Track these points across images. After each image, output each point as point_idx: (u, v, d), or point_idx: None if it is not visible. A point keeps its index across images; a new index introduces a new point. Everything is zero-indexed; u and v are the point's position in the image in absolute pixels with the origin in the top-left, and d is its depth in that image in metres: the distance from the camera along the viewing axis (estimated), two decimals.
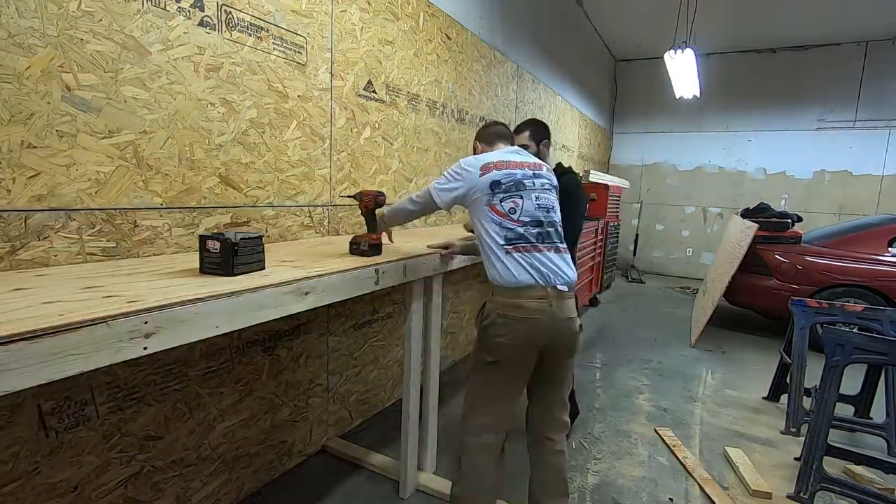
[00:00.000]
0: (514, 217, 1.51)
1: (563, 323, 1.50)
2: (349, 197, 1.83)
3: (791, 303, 2.66)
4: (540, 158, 2.10)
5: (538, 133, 2.16)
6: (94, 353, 0.82)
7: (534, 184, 1.56)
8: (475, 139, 1.84)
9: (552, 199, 1.60)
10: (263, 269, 1.32)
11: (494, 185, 1.52)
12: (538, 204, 1.54)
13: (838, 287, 4.00)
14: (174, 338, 0.95)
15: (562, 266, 1.52)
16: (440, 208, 1.62)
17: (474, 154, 1.78)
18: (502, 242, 1.48)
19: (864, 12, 5.46)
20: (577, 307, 1.60)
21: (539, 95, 4.72)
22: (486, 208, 1.51)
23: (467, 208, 1.60)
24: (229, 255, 1.22)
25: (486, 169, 1.53)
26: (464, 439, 1.55)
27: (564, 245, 1.60)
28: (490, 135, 1.78)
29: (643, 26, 6.23)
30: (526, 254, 1.47)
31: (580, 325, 1.59)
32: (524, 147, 2.09)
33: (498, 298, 1.49)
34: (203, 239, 1.25)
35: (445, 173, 1.59)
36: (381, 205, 1.77)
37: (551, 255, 1.51)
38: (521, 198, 1.52)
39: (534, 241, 1.50)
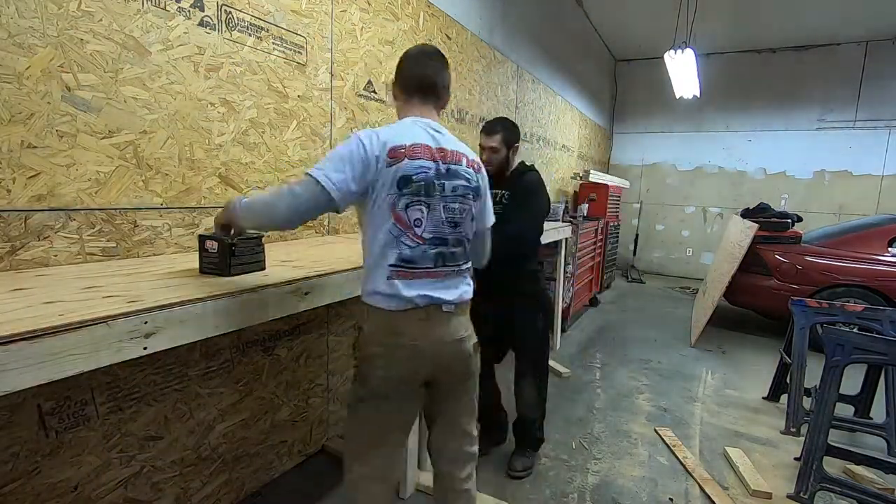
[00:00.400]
0: (417, 232, 1.14)
1: (451, 346, 1.22)
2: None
3: (791, 303, 2.66)
4: (507, 164, 2.02)
5: (511, 136, 2.01)
6: (94, 353, 0.82)
7: (444, 187, 1.17)
8: (395, 73, 1.32)
9: (467, 207, 1.23)
10: (263, 269, 1.31)
11: (403, 182, 1.11)
12: (447, 217, 1.18)
13: (838, 287, 4.00)
14: (174, 338, 0.95)
15: (454, 286, 1.23)
16: (334, 204, 1.09)
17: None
18: (391, 262, 1.14)
19: (864, 12, 5.46)
20: (470, 325, 1.32)
21: (539, 95, 4.72)
22: (388, 213, 1.12)
23: (357, 207, 1.18)
24: (227, 255, 1.21)
25: (395, 155, 1.11)
26: (347, 493, 1.25)
27: (469, 264, 1.31)
28: (411, 78, 1.28)
29: (643, 26, 6.23)
30: (415, 280, 1.16)
31: (474, 345, 1.31)
32: (493, 152, 1.99)
33: (374, 323, 1.19)
34: (202, 239, 1.24)
35: (336, 150, 1.11)
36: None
37: (446, 280, 1.22)
38: (429, 206, 1.15)
39: (430, 264, 1.17)
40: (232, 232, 1.24)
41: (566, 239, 3.82)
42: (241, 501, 1.88)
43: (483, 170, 1.32)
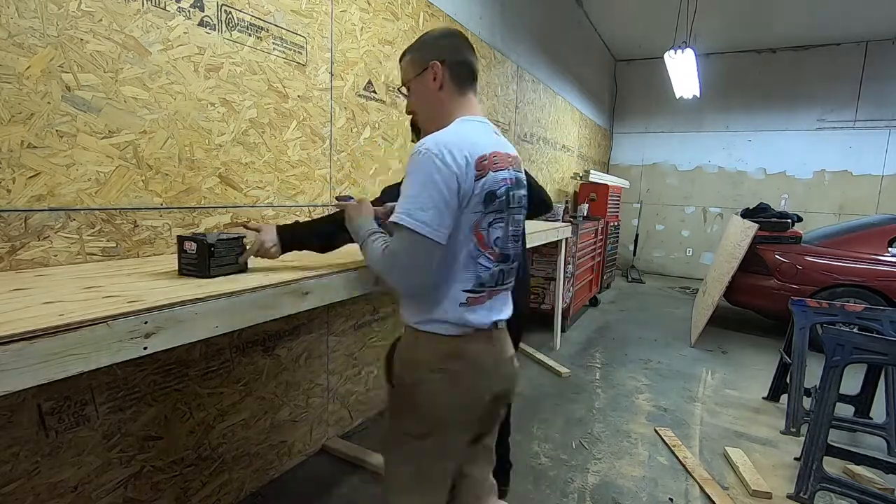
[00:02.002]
0: (496, 250, 1.05)
1: (508, 364, 1.15)
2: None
3: (791, 303, 2.66)
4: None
5: None
6: (94, 353, 0.82)
7: (513, 198, 1.06)
8: (430, 52, 1.08)
9: (523, 217, 1.16)
10: (245, 271, 1.25)
11: (489, 198, 0.99)
12: (513, 231, 1.09)
13: (838, 287, 4.00)
14: (174, 338, 0.95)
15: (507, 303, 1.17)
16: (440, 246, 0.96)
17: (419, 77, 1.09)
18: (466, 287, 1.03)
19: (864, 12, 5.46)
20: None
21: (539, 95, 4.72)
22: (470, 233, 0.99)
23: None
24: (206, 256, 1.16)
25: (481, 167, 0.96)
26: None
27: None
28: (465, 66, 1.08)
29: (643, 26, 6.23)
30: (485, 304, 1.07)
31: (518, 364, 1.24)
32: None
33: (430, 348, 1.05)
34: (181, 240, 1.18)
35: (413, 180, 0.94)
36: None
37: (503, 297, 1.14)
38: (505, 222, 1.05)
39: (494, 283, 1.08)
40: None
41: (566, 239, 3.82)
42: (240, 501, 1.88)
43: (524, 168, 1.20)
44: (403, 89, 1.18)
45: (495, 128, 1.10)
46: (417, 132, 1.63)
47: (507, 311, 1.15)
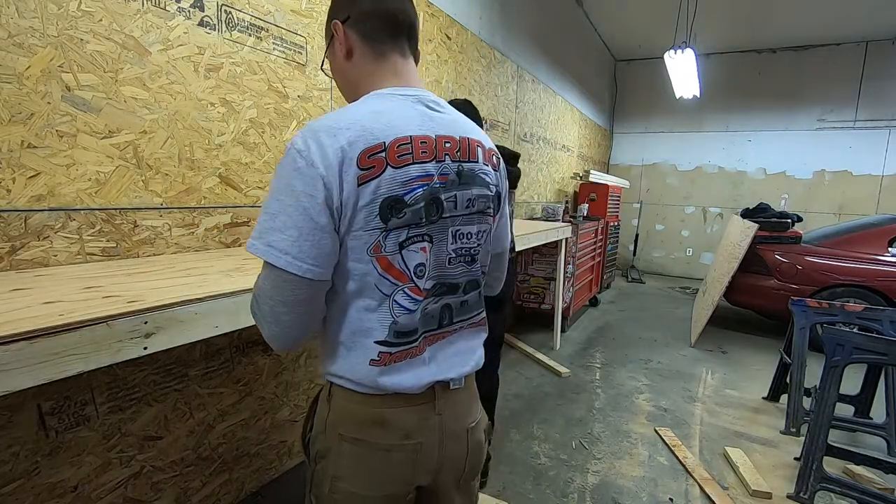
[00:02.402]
0: (419, 284, 0.73)
1: (462, 440, 0.83)
2: None
3: (791, 303, 2.66)
4: None
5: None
6: (94, 353, 0.82)
7: (455, 202, 0.75)
8: (333, 11, 0.79)
9: (485, 229, 0.82)
10: None
11: (389, 209, 0.68)
12: (458, 249, 0.77)
13: (838, 287, 4.00)
14: (174, 338, 0.95)
15: (466, 351, 0.84)
16: (322, 285, 0.70)
17: (329, 49, 0.81)
18: (378, 338, 0.73)
19: (864, 12, 5.46)
20: (477, 395, 0.90)
21: (539, 95, 4.72)
22: (369, 261, 0.69)
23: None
24: None
25: (370, 163, 0.66)
26: None
27: (483, 312, 0.88)
28: (382, 17, 0.75)
29: (643, 26, 6.23)
30: (413, 360, 0.76)
31: (487, 428, 0.92)
32: None
33: (341, 406, 0.78)
34: None
35: (271, 193, 0.66)
36: None
37: (456, 343, 0.82)
38: (431, 240, 0.73)
39: (433, 326, 0.78)
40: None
41: (566, 239, 3.82)
42: (241, 501, 1.88)
43: (501, 162, 0.86)
44: (326, 69, 0.85)
45: (437, 99, 0.77)
46: None
47: (466, 364, 0.82)
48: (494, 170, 0.82)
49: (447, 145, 0.73)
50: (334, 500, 0.78)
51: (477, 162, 0.77)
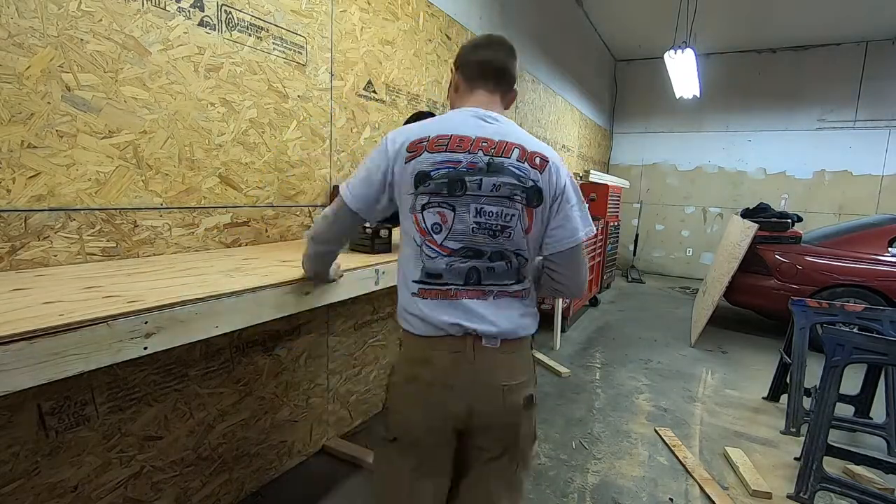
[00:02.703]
0: (437, 240, 0.98)
1: (492, 394, 0.99)
2: None
3: (791, 303, 2.66)
4: None
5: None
6: (94, 353, 0.82)
7: (480, 184, 0.96)
8: (454, 63, 1.13)
9: (513, 212, 0.98)
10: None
11: (419, 179, 0.96)
12: (481, 222, 0.97)
13: (838, 287, 4.00)
14: (174, 338, 0.95)
15: (500, 314, 1.00)
16: (359, 218, 1.04)
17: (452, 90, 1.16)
18: (415, 277, 1.00)
19: (864, 12, 5.46)
20: (529, 369, 1.08)
21: (539, 95, 4.72)
22: (409, 217, 1.00)
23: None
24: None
25: (415, 148, 0.97)
26: None
27: (527, 287, 1.05)
28: (475, 64, 1.07)
29: (643, 26, 6.23)
30: (445, 301, 0.99)
31: (530, 398, 1.05)
32: None
33: (404, 347, 1.05)
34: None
35: (365, 157, 1.04)
36: None
37: (488, 305, 1.00)
38: (453, 208, 0.96)
39: (460, 282, 0.98)
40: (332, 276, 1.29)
41: None
42: (241, 501, 1.88)
43: (553, 167, 1.00)
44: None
45: (496, 115, 1.03)
46: None
47: (497, 325, 0.98)
48: (534, 167, 0.99)
49: (484, 144, 0.97)
50: (395, 427, 1.04)
51: (509, 158, 0.98)
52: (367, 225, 1.66)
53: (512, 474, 1.06)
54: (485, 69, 1.07)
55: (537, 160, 0.99)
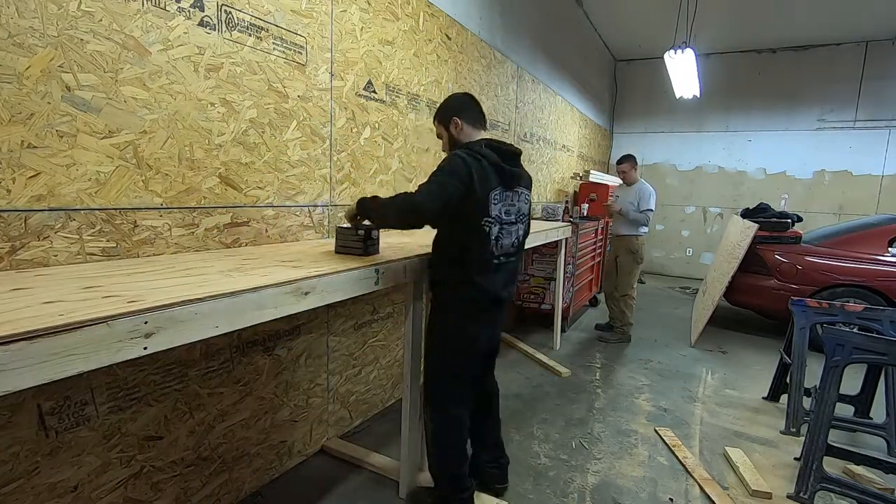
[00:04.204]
0: None
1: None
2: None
3: (791, 303, 2.66)
4: (455, 142, 1.75)
5: (442, 114, 1.78)
6: (94, 353, 0.82)
7: None
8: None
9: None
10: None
11: None
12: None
13: (838, 287, 4.00)
14: (174, 338, 0.95)
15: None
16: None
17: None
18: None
19: (864, 12, 5.46)
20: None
21: (539, 95, 4.72)
22: None
23: None
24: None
25: None
26: None
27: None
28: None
29: (643, 26, 6.23)
30: None
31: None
32: (439, 137, 1.85)
33: None
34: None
35: None
36: None
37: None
38: None
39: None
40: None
41: (566, 239, 3.82)
42: (241, 501, 1.88)
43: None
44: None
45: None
46: None
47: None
48: None
49: None
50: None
51: None
52: (359, 228, 1.65)
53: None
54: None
55: None
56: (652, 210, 3.93)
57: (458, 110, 1.75)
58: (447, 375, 1.76)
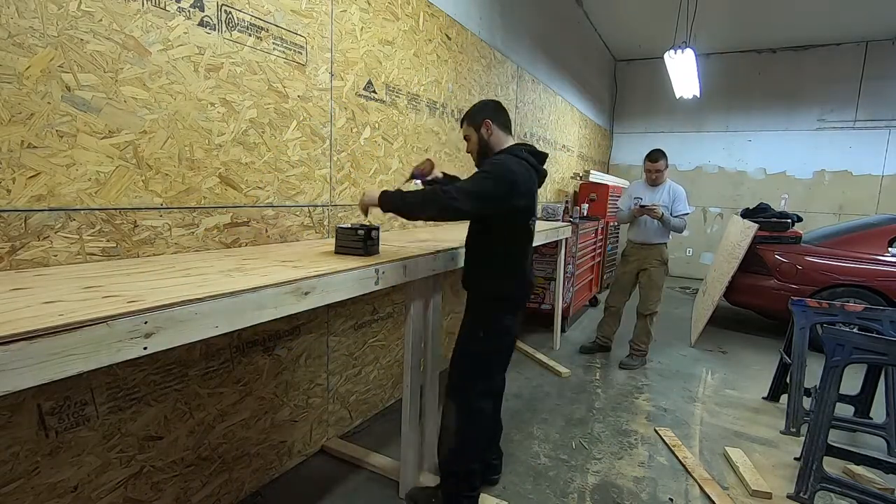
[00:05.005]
0: None
1: None
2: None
3: (791, 303, 2.66)
4: (487, 145, 1.80)
5: (473, 118, 1.82)
6: (94, 353, 0.82)
7: None
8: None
9: None
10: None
11: None
12: None
13: (838, 287, 4.00)
14: (174, 338, 0.95)
15: None
16: None
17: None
18: None
19: (864, 12, 5.46)
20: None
21: (539, 95, 4.72)
22: None
23: None
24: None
25: None
26: None
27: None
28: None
29: (643, 26, 6.23)
30: None
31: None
32: (467, 140, 1.89)
33: None
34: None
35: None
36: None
37: None
38: None
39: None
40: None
41: (566, 239, 3.82)
42: (241, 501, 1.88)
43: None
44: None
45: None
46: None
47: None
48: None
49: None
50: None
51: None
52: (359, 228, 1.65)
53: None
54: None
55: None
56: (688, 213, 3.47)
57: (490, 114, 1.79)
58: (484, 369, 1.80)
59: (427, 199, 1.62)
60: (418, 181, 1.95)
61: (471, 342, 1.80)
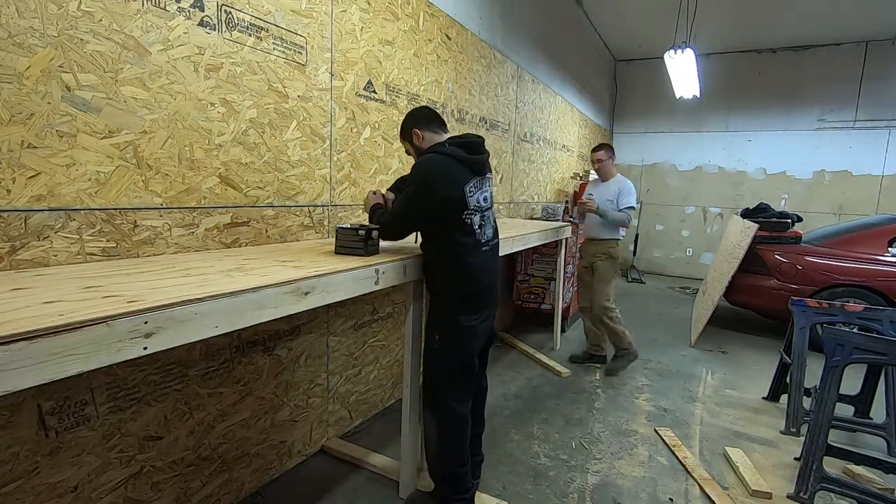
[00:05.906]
0: None
1: None
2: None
3: (791, 303, 2.66)
4: (420, 153, 1.81)
5: (403, 127, 1.86)
6: (94, 353, 0.82)
7: None
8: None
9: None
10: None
11: None
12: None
13: (838, 287, 4.00)
14: (174, 338, 0.95)
15: None
16: None
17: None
18: None
19: (864, 12, 5.46)
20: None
21: (539, 95, 4.72)
22: None
23: None
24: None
25: None
26: None
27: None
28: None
29: (643, 26, 6.23)
30: None
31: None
32: (406, 152, 1.94)
33: None
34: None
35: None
36: None
37: None
38: None
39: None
40: None
41: (566, 239, 3.82)
42: (241, 501, 1.88)
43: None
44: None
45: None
46: None
47: None
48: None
49: None
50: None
51: None
52: (359, 228, 1.66)
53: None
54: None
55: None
56: (633, 207, 3.38)
57: (414, 123, 1.82)
58: (450, 371, 1.77)
59: (381, 227, 1.75)
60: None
61: (429, 347, 1.80)
